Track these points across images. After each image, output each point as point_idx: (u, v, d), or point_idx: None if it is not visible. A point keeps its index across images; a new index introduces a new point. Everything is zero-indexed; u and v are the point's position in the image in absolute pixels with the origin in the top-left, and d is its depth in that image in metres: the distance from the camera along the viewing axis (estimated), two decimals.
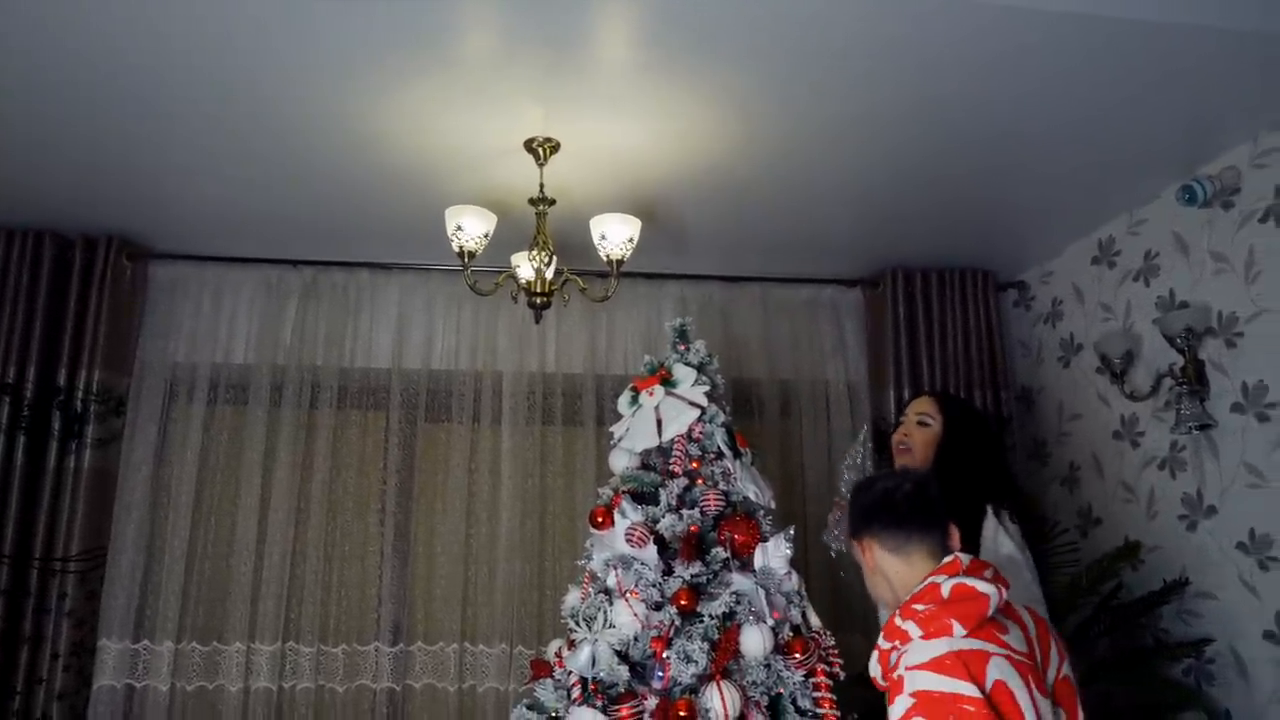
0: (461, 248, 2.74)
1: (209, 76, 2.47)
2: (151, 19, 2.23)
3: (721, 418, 2.30)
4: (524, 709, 2.16)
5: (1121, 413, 3.33)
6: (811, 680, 2.09)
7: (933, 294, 3.83)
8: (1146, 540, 3.16)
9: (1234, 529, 2.85)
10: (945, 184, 3.15)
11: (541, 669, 2.22)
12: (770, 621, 2.07)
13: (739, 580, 2.11)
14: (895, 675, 1.54)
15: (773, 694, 2.05)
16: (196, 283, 3.65)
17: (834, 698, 2.09)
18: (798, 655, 2.06)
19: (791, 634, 2.11)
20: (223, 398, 3.58)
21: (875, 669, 1.66)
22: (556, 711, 2.09)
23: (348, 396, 3.66)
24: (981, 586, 1.57)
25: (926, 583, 1.62)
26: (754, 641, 2.03)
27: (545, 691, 2.13)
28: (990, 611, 1.56)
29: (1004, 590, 1.60)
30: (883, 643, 1.63)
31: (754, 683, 2.02)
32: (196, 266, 3.63)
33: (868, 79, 2.50)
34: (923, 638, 1.53)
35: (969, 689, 1.44)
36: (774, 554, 2.13)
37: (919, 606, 1.58)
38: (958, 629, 1.51)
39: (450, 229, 2.75)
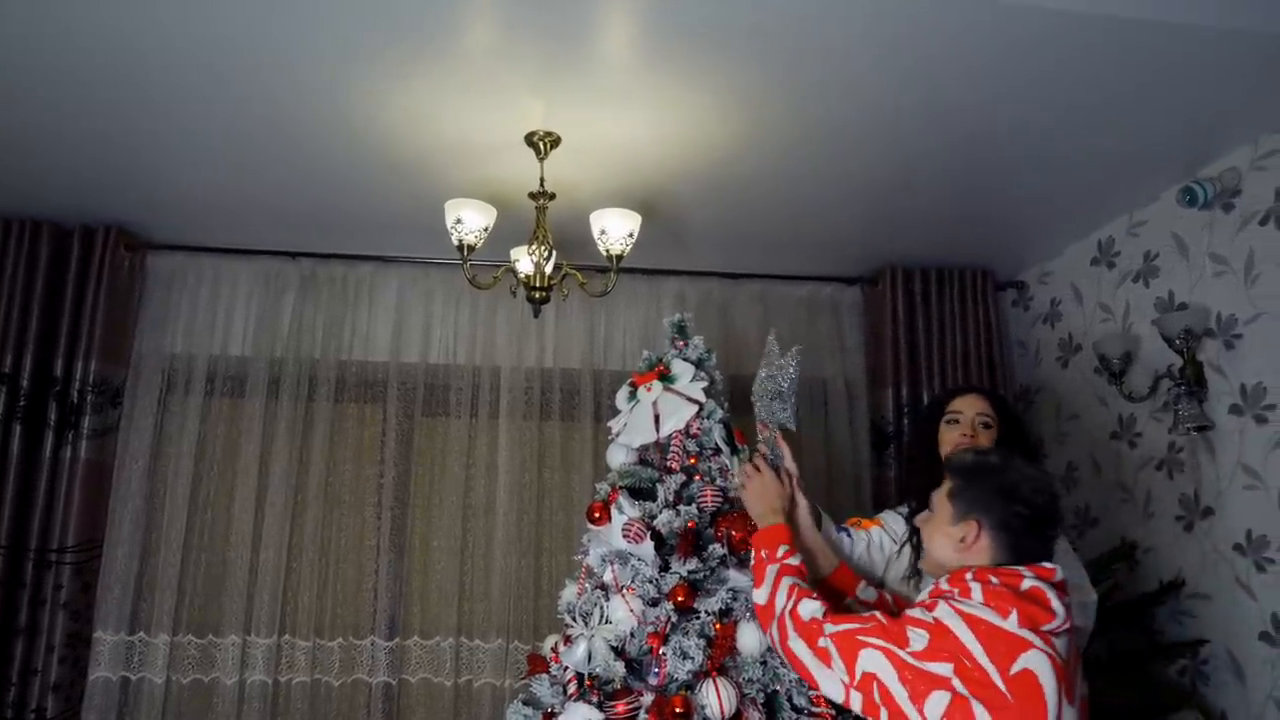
0: (461, 241, 2.74)
1: (208, 65, 2.46)
2: (151, 7, 2.22)
3: (719, 413, 2.29)
4: (520, 704, 2.16)
5: (1119, 413, 3.33)
6: None
7: (932, 292, 3.83)
8: (1143, 541, 3.16)
9: (1231, 530, 2.86)
10: (945, 183, 3.15)
11: (538, 664, 2.22)
12: None
13: (736, 577, 2.10)
14: (931, 600, 1.64)
15: (769, 691, 2.04)
16: (194, 274, 3.64)
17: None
18: None
19: None
20: (220, 390, 3.57)
21: (923, 597, 1.71)
22: (552, 707, 2.08)
23: (345, 390, 3.65)
24: (1056, 605, 1.61)
25: (1014, 568, 1.65)
26: (750, 638, 2.02)
27: (541, 687, 2.12)
28: (1048, 627, 1.59)
29: (1070, 622, 1.63)
30: (944, 584, 1.68)
31: (750, 680, 2.01)
32: (194, 258, 3.63)
33: (870, 76, 2.50)
34: (982, 603, 1.59)
35: (985, 659, 1.53)
36: None
37: (994, 579, 1.63)
38: (1013, 618, 1.57)
39: (450, 222, 2.75)
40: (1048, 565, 1.68)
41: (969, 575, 1.65)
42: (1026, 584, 1.62)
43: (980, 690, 1.52)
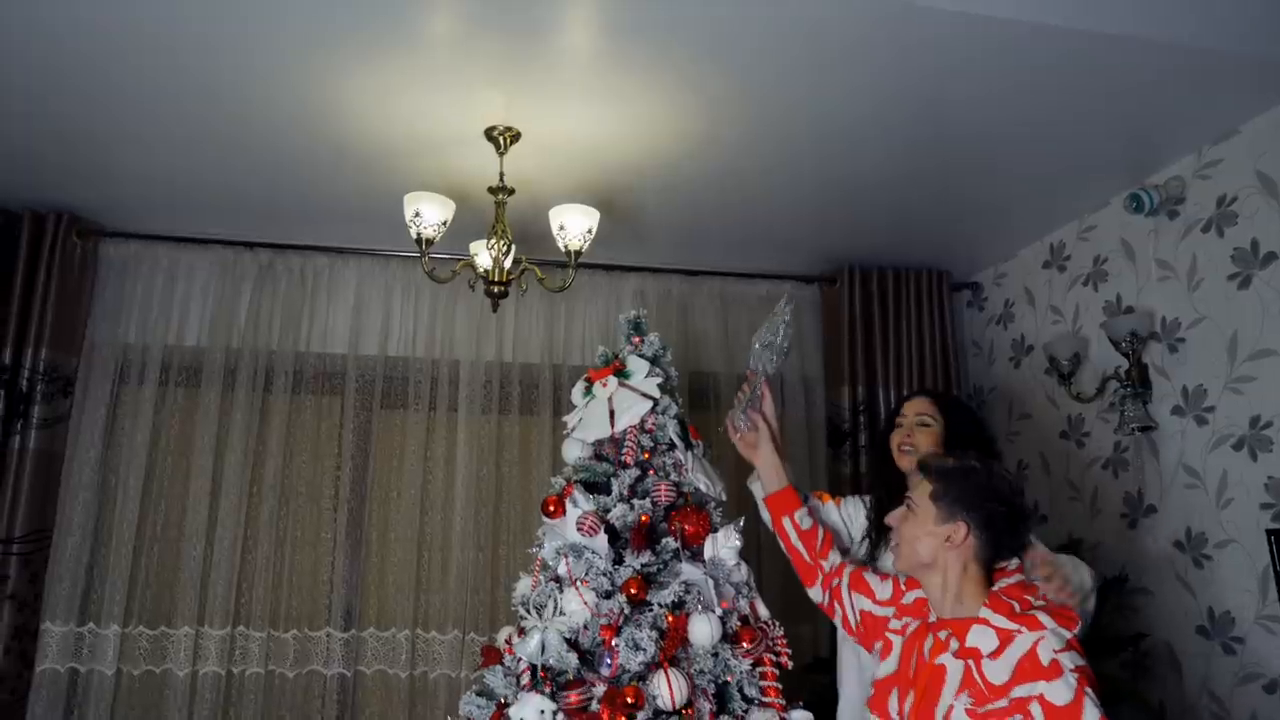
0: (419, 234, 2.73)
1: (166, 50, 2.43)
2: None
3: (674, 409, 2.31)
4: (474, 695, 2.16)
5: (1068, 413, 3.41)
6: (759, 669, 2.12)
7: (889, 292, 3.89)
8: (1089, 538, 3.24)
9: (1171, 528, 2.94)
10: (903, 184, 3.19)
11: (492, 656, 2.23)
12: (718, 611, 2.09)
13: (689, 570, 2.13)
14: (1046, 662, 1.63)
15: (720, 682, 2.07)
16: (149, 262, 3.59)
17: (780, 686, 2.12)
18: (745, 645, 2.08)
19: (740, 624, 2.13)
20: (175, 380, 3.54)
21: (990, 643, 1.69)
22: (505, 698, 2.09)
23: (303, 381, 3.63)
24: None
25: (1017, 579, 1.79)
26: (702, 630, 2.05)
27: (495, 678, 2.13)
28: None
29: None
30: (1006, 623, 1.70)
31: (701, 671, 2.04)
32: (149, 246, 3.58)
33: (828, 78, 2.53)
34: (1058, 625, 1.68)
35: (1085, 664, 1.64)
36: (723, 545, 2.15)
37: (1036, 599, 1.74)
38: (1079, 626, 1.70)
39: (408, 215, 2.74)
40: (1017, 562, 1.80)
41: (1016, 606, 1.71)
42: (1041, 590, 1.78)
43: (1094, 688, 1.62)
